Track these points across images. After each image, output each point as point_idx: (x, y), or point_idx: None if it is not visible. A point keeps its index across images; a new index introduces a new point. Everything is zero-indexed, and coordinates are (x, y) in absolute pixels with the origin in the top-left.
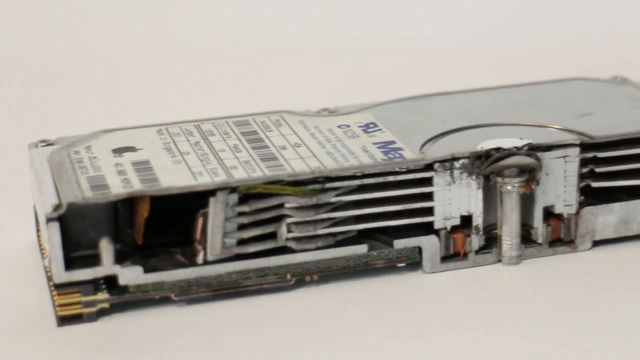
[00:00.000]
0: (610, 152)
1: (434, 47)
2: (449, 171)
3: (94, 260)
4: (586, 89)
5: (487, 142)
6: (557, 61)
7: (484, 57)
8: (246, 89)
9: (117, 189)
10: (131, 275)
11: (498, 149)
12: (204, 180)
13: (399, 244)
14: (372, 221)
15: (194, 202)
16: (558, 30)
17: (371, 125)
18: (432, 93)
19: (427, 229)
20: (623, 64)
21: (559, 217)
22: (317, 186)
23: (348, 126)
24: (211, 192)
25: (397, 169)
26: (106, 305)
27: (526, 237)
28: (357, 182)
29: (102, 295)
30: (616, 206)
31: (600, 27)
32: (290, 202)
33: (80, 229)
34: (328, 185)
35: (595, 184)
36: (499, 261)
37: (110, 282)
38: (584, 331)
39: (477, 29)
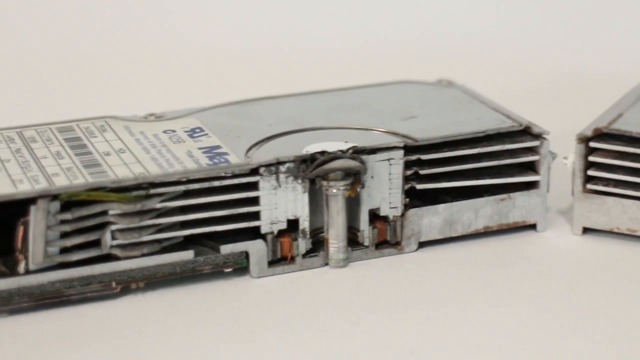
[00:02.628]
0: (434, 154)
1: (260, 51)
2: (274, 175)
3: None
4: (412, 92)
5: (312, 146)
6: (385, 64)
7: (312, 61)
8: (72, 94)
9: None
10: None
11: (323, 153)
12: (24, 188)
13: (226, 249)
14: (198, 227)
15: (15, 210)
16: (387, 32)
17: (197, 130)
18: (259, 97)
19: (255, 233)
20: (451, 67)
21: (384, 219)
22: (141, 192)
23: (174, 131)
24: (32, 200)
25: (223, 174)
26: None
27: (353, 240)
28: (182, 187)
29: None
30: (441, 207)
31: (427, 29)
32: (114, 209)
33: None
34: (152, 191)
35: (419, 186)
36: (326, 264)
37: None
38: (408, 332)
39: (304, 31)
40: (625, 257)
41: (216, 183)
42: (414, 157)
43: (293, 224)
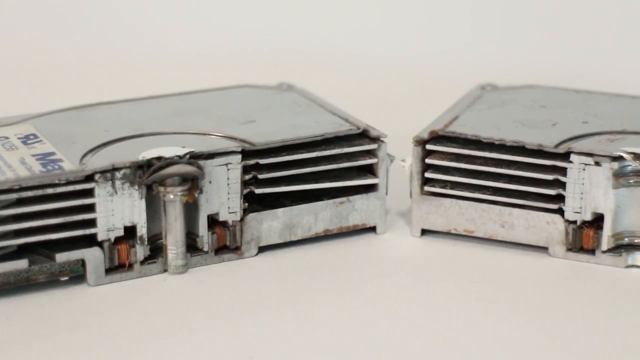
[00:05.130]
0: (272, 158)
1: (97, 56)
2: (110, 182)
3: None
4: (251, 96)
5: (149, 152)
6: (227, 68)
7: (151, 66)
8: None
9: None
10: None
11: (159, 158)
12: None
13: (61, 257)
14: (33, 235)
15: None
16: (229, 36)
17: (31, 137)
18: (96, 102)
19: (91, 241)
20: (292, 70)
21: (224, 224)
22: None
23: (7, 138)
24: None
25: (57, 181)
26: None
27: (192, 246)
28: (14, 195)
29: None
30: (280, 212)
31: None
32: None
33: None
34: None
35: (258, 191)
36: (165, 271)
37: None
38: (247, 337)
39: (143, 35)
40: (462, 258)
41: (50, 190)
42: (252, 162)
43: (130, 231)
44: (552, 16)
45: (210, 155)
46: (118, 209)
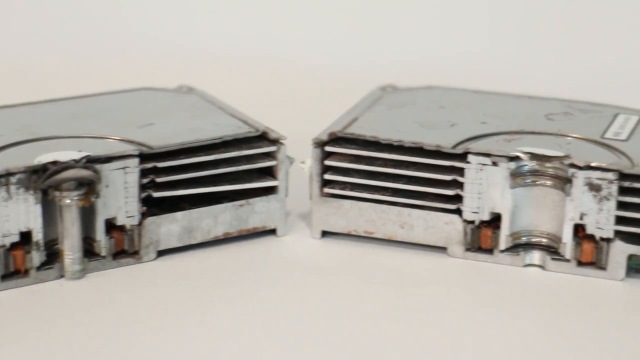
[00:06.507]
0: (170, 161)
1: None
2: (5, 187)
3: None
4: (151, 99)
5: (44, 156)
6: (128, 70)
7: (50, 68)
8: None
9: None
10: None
11: (55, 163)
12: None
13: None
14: None
15: None
16: (131, 38)
17: None
18: None
19: None
20: (194, 73)
21: (121, 228)
22: None
23: None
24: None
25: None
26: None
27: (90, 251)
28: None
29: None
30: (179, 215)
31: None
32: None
33: None
34: None
35: (156, 194)
36: (62, 276)
37: None
38: (143, 343)
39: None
40: (363, 259)
41: None
42: (150, 165)
43: (26, 237)
44: (450, 16)
45: (107, 159)
46: (13, 215)
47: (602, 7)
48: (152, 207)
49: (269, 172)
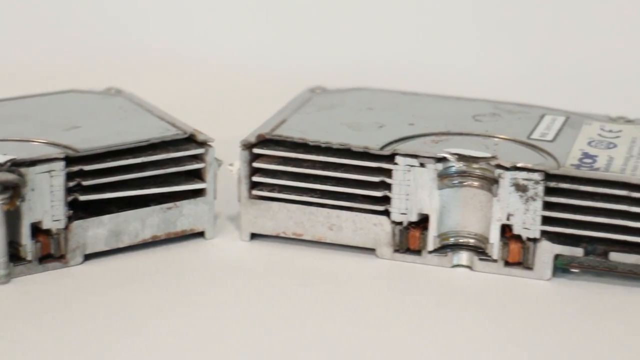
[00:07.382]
0: (97, 164)
1: None
2: None
3: None
4: (77, 101)
5: None
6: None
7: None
8: None
9: None
10: None
11: None
12: None
13: None
14: None
15: None
16: (62, 40)
17: None
18: None
19: None
20: (123, 75)
21: (48, 232)
22: None
23: None
24: None
25: None
26: None
27: (15, 255)
28: None
29: None
30: (106, 218)
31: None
32: None
33: None
34: None
35: (83, 197)
36: None
37: None
38: (70, 348)
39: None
40: (292, 261)
41: None
42: (76, 168)
43: None
44: (378, 17)
45: (33, 163)
46: None
47: (527, 7)
48: (79, 210)
49: (197, 175)
